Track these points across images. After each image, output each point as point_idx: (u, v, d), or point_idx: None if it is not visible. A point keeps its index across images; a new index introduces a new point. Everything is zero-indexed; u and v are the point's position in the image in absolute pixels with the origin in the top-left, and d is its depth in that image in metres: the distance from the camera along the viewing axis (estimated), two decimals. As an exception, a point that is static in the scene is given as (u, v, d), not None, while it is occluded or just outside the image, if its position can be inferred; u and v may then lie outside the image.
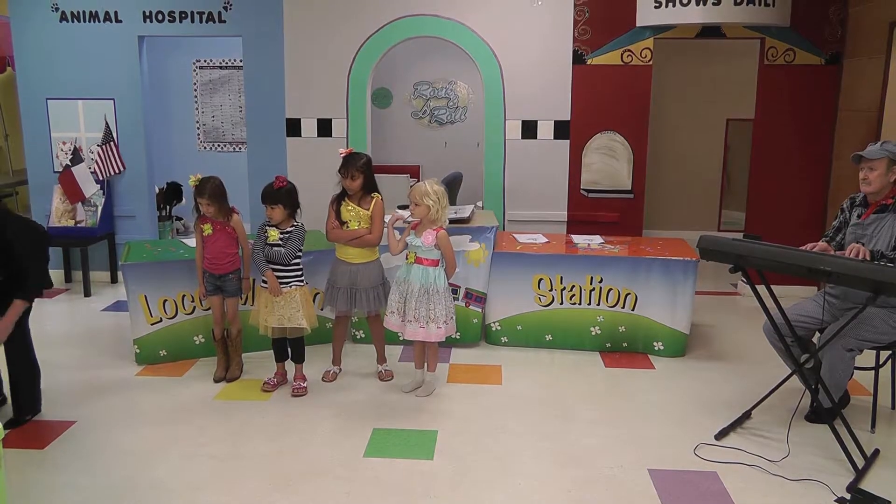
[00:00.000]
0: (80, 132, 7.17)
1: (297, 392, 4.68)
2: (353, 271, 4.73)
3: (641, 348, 5.49)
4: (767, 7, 6.22)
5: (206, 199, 4.66)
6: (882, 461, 3.90)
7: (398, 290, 4.63)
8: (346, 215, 4.70)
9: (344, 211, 4.71)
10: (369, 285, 4.75)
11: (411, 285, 4.55)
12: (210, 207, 4.68)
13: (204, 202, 4.68)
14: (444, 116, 9.75)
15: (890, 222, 4.06)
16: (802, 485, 3.66)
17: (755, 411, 4.35)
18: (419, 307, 4.53)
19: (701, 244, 4.08)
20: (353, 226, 4.69)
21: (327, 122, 6.90)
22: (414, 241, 4.56)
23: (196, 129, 9.63)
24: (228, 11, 6.91)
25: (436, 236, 4.51)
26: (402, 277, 4.62)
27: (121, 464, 3.83)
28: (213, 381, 4.89)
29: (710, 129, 9.24)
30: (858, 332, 4.02)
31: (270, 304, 4.60)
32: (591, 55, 6.75)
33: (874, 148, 4.10)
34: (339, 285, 4.76)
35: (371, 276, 4.77)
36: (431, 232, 4.52)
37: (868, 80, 6.21)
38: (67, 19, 6.99)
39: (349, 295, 4.75)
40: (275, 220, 4.59)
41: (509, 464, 3.87)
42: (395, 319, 4.64)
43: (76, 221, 7.10)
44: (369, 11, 6.71)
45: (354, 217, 4.69)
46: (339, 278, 4.76)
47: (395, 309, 4.63)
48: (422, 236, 4.52)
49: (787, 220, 6.78)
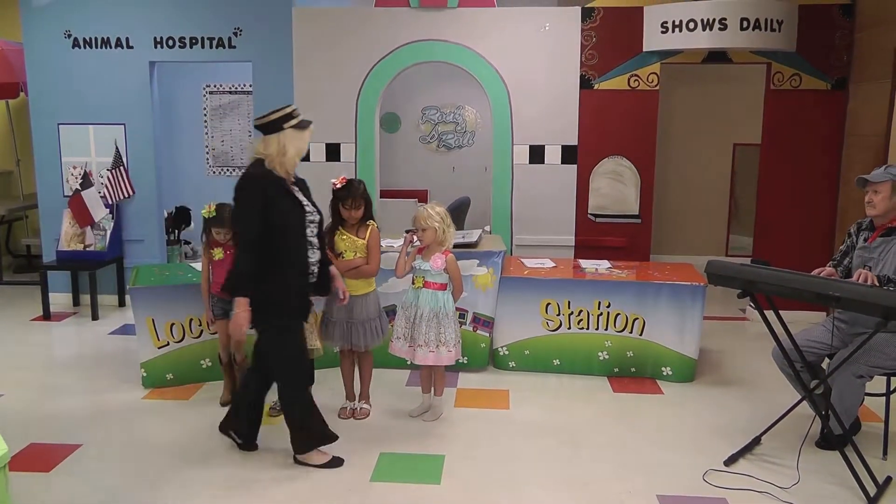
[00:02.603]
0: (91, 157, 7.23)
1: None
2: (350, 304, 4.49)
3: (650, 373, 5.46)
4: (773, 32, 6.27)
5: (227, 229, 4.64)
6: (894, 489, 3.86)
7: (404, 315, 4.58)
8: (340, 245, 4.53)
9: (339, 241, 4.53)
10: (366, 318, 4.57)
11: (420, 310, 4.50)
12: (228, 235, 4.67)
13: (223, 232, 4.68)
14: (452, 141, 9.79)
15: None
16: (813, 512, 3.63)
17: (765, 437, 4.32)
18: (429, 332, 4.48)
19: (709, 269, 4.07)
20: (349, 256, 4.52)
21: (336, 146, 6.94)
22: (422, 266, 4.52)
23: (205, 153, 9.69)
24: (238, 37, 6.99)
25: (445, 260, 4.50)
26: (410, 302, 4.57)
27: (126, 488, 3.82)
28: (220, 404, 4.88)
29: (717, 154, 9.24)
30: (868, 359, 4.00)
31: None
32: (598, 80, 6.78)
33: (879, 172, 4.14)
34: (335, 318, 4.55)
35: (368, 309, 4.60)
36: (440, 256, 4.50)
37: (874, 105, 6.22)
38: (80, 46, 7.07)
39: (346, 328, 4.56)
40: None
41: (517, 489, 3.84)
42: (403, 345, 4.59)
43: (85, 245, 7.13)
44: (378, 37, 6.77)
45: (350, 247, 4.52)
46: (334, 311, 4.55)
47: (402, 335, 4.58)
48: (430, 260, 4.50)
49: (794, 245, 6.76)
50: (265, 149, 3.88)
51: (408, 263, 4.60)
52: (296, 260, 3.93)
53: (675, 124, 9.01)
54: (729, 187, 9.36)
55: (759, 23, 6.21)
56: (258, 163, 3.88)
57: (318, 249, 4.06)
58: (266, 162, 3.86)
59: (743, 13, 6.18)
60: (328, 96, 6.87)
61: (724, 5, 6.20)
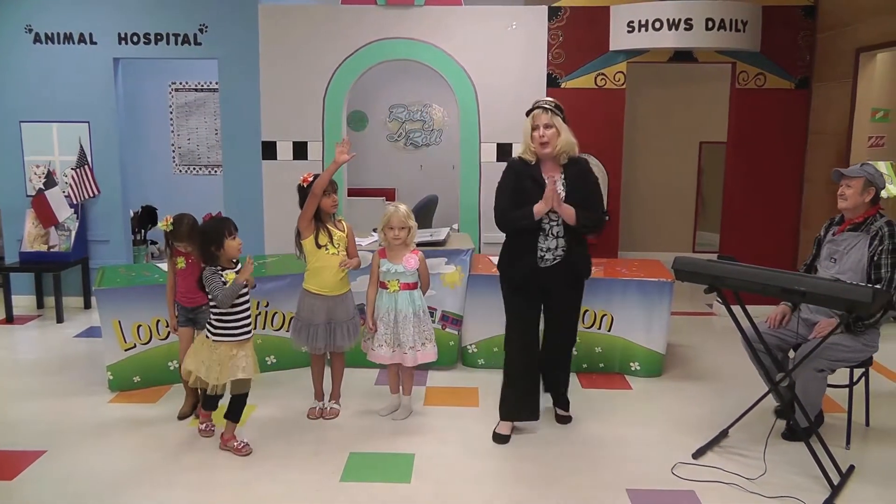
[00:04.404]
0: (55, 155, 7.12)
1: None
2: (332, 305, 4.45)
3: (618, 369, 5.50)
4: (738, 32, 6.35)
5: (185, 244, 4.47)
6: (857, 477, 3.93)
7: (382, 322, 4.52)
8: (324, 240, 4.42)
9: (322, 236, 4.43)
10: (346, 318, 4.53)
11: (401, 313, 4.48)
12: (189, 247, 4.49)
13: (182, 246, 4.50)
14: (420, 139, 9.79)
15: (861, 242, 4.17)
16: (779, 502, 3.67)
17: (732, 430, 4.38)
18: (414, 333, 4.50)
19: (676, 265, 4.11)
20: (332, 251, 4.43)
21: (303, 145, 6.90)
22: (396, 269, 4.48)
23: (171, 152, 9.59)
24: (204, 34, 6.92)
25: (418, 259, 4.52)
26: (388, 307, 4.50)
27: (92, 493, 3.76)
28: (178, 418, 4.65)
29: (683, 151, 9.34)
30: (829, 353, 4.08)
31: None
32: (565, 79, 6.81)
33: (855, 167, 4.27)
34: (317, 321, 4.45)
35: (348, 308, 4.55)
36: (412, 256, 4.52)
37: (836, 105, 6.33)
38: (42, 41, 6.96)
39: (328, 331, 4.48)
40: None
41: (487, 486, 3.85)
42: (387, 352, 4.53)
43: (49, 246, 7.02)
44: (345, 34, 6.74)
45: (336, 235, 4.47)
46: (315, 314, 4.45)
47: (385, 341, 4.53)
48: (402, 261, 4.50)
49: (760, 240, 6.86)
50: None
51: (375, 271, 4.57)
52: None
53: (642, 123, 9.09)
54: (696, 185, 9.46)
55: (724, 23, 6.29)
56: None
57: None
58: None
59: (708, 13, 6.26)
60: (295, 94, 6.82)
61: (689, 6, 6.28)
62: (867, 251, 4.14)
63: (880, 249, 4.09)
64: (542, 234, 4.15)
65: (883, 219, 4.19)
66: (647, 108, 9.09)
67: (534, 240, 4.15)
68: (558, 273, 4.20)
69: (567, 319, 4.46)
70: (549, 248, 4.16)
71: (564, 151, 4.17)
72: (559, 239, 4.15)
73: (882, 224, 4.15)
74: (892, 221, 4.18)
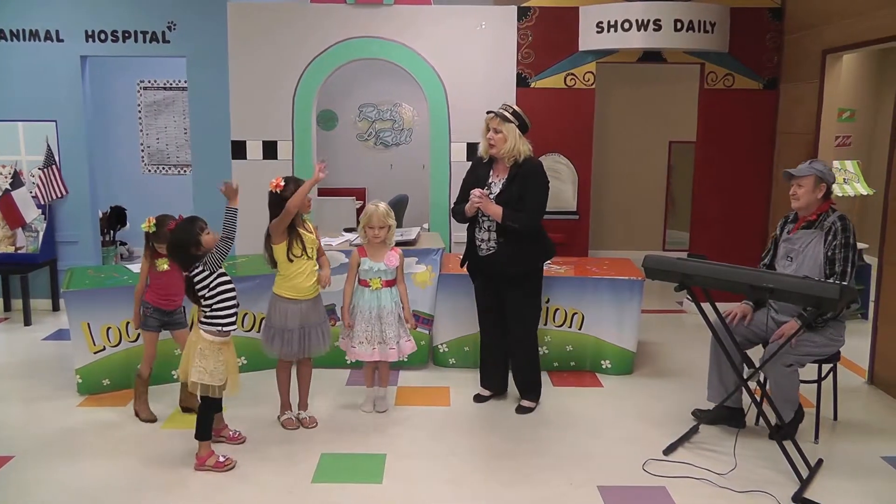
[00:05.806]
0: (21, 155, 7.01)
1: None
2: (305, 309, 4.37)
3: (589, 367, 5.54)
4: (706, 34, 6.42)
5: (166, 248, 4.23)
6: (825, 471, 4.00)
7: (363, 319, 4.57)
8: (298, 250, 4.31)
9: (296, 247, 4.32)
10: (318, 321, 4.44)
11: (385, 309, 4.58)
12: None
13: (163, 248, 4.33)
14: (390, 139, 9.78)
15: (816, 240, 4.24)
16: (749, 496, 3.72)
17: (702, 426, 4.43)
18: (399, 327, 4.64)
19: (646, 264, 4.15)
20: (305, 258, 4.33)
21: (273, 144, 6.85)
22: (378, 266, 4.56)
23: (140, 151, 9.50)
24: (173, 32, 6.86)
25: (399, 256, 4.63)
26: (371, 305, 4.57)
27: (62, 500, 3.71)
28: (141, 419, 4.60)
29: (653, 151, 9.42)
30: (796, 348, 4.13)
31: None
32: (534, 78, 6.84)
33: (803, 166, 4.31)
34: (291, 326, 4.34)
35: (320, 311, 4.48)
36: (393, 253, 4.63)
37: (804, 105, 6.41)
38: (6, 38, 6.84)
39: (302, 335, 4.38)
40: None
41: (459, 485, 3.85)
42: (367, 348, 4.59)
43: (16, 248, 6.92)
44: (314, 33, 6.70)
45: (310, 244, 4.37)
46: (288, 319, 4.34)
47: (365, 339, 4.58)
48: (384, 259, 4.58)
49: (729, 239, 6.93)
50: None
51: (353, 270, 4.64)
52: None
53: (612, 122, 9.16)
54: (665, 183, 9.56)
55: (692, 24, 6.35)
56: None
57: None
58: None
59: (676, 14, 6.32)
60: (264, 93, 6.76)
61: (658, 7, 6.33)
62: (823, 248, 4.20)
63: (834, 244, 4.16)
64: (478, 227, 4.67)
65: (835, 213, 4.26)
66: (616, 107, 9.15)
67: (472, 230, 4.72)
68: (497, 264, 4.63)
69: (513, 311, 4.76)
70: (483, 240, 4.64)
71: (510, 155, 4.56)
72: (491, 232, 4.61)
73: (835, 219, 4.22)
74: (844, 216, 4.24)
